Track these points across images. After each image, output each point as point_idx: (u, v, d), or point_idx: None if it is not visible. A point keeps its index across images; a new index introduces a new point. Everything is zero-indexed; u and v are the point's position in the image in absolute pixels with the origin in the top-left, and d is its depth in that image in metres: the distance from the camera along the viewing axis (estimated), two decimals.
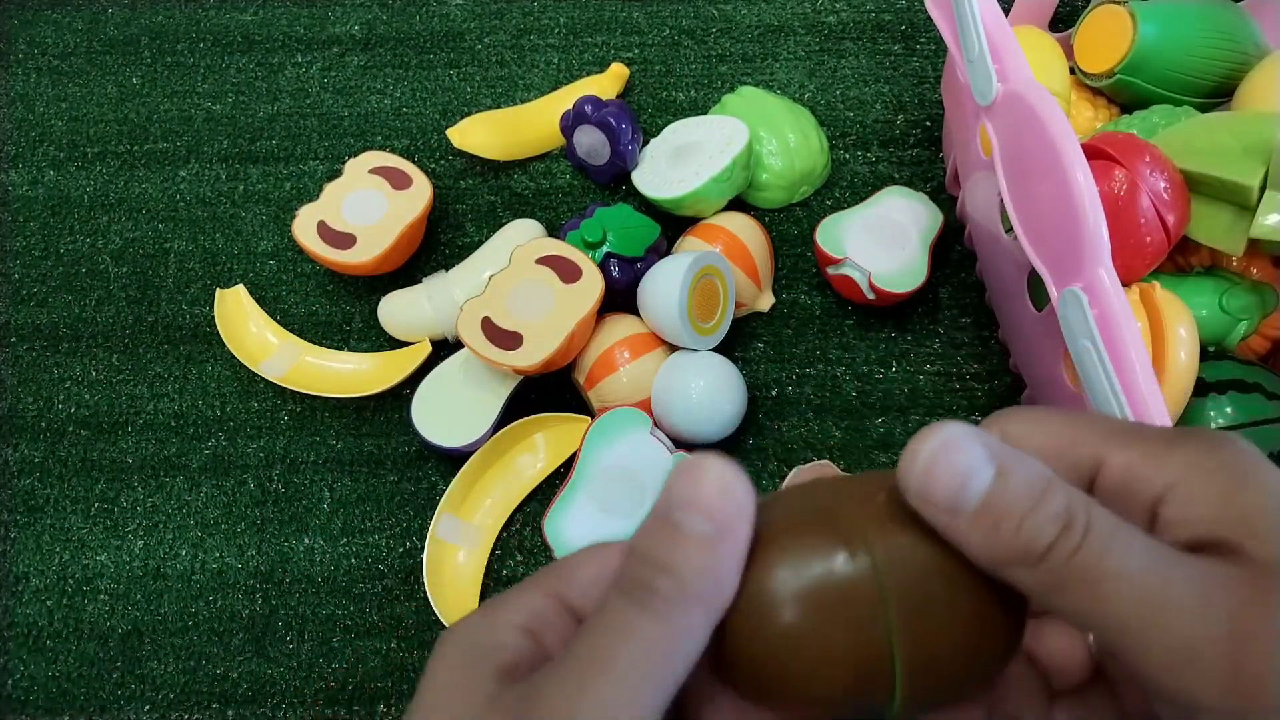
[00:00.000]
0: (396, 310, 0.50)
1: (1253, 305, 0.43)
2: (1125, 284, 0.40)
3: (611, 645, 0.18)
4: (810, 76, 0.59)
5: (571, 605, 0.20)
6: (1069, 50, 0.52)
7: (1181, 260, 0.46)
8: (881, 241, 0.49)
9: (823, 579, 0.18)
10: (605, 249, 0.48)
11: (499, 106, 0.59)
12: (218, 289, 0.52)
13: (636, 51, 0.61)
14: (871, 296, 0.48)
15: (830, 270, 0.49)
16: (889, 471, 0.20)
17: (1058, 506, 0.17)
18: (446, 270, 0.52)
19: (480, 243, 0.52)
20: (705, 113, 0.57)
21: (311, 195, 0.57)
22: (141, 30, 0.63)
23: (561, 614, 0.20)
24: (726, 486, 0.18)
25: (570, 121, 0.54)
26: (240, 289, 0.52)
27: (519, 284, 0.46)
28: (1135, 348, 0.32)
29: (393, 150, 0.58)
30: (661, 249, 0.50)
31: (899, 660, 0.18)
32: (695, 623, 0.18)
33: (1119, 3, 0.49)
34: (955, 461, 0.17)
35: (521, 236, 0.51)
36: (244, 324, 0.52)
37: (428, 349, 0.50)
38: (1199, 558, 0.17)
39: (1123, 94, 0.50)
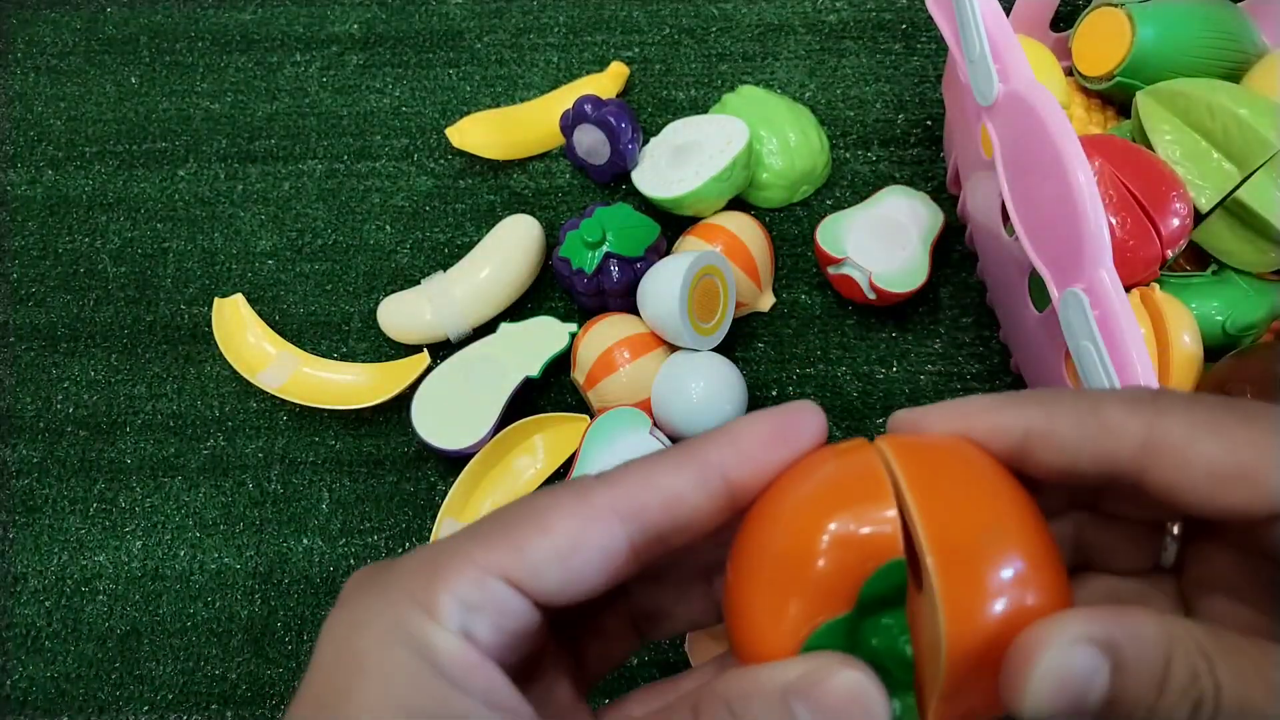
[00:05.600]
0: (396, 312, 0.50)
1: (1259, 322, 0.43)
2: (1125, 287, 0.40)
3: None
4: (811, 75, 0.59)
5: (521, 585, 0.18)
6: (1067, 52, 0.52)
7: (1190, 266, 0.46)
8: (882, 241, 0.49)
9: None
10: (605, 249, 0.48)
11: (498, 106, 0.59)
12: (216, 298, 0.52)
13: (636, 50, 0.61)
14: (872, 296, 0.48)
15: (831, 270, 0.49)
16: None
17: (1182, 682, 0.16)
18: (445, 270, 0.51)
19: (479, 242, 0.52)
20: (705, 112, 0.57)
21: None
22: (140, 29, 0.63)
23: (504, 595, 0.18)
24: (865, 706, 0.16)
25: (570, 121, 0.53)
26: (238, 298, 0.52)
27: None
28: (1136, 349, 0.32)
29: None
30: (661, 249, 0.50)
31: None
32: None
33: (1116, 4, 0.49)
34: (1068, 676, 0.16)
35: (517, 233, 0.51)
36: (242, 334, 0.51)
37: (426, 360, 0.49)
38: None
39: (1122, 97, 0.50)
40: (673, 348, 0.48)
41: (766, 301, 0.52)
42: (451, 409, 0.47)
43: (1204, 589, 0.20)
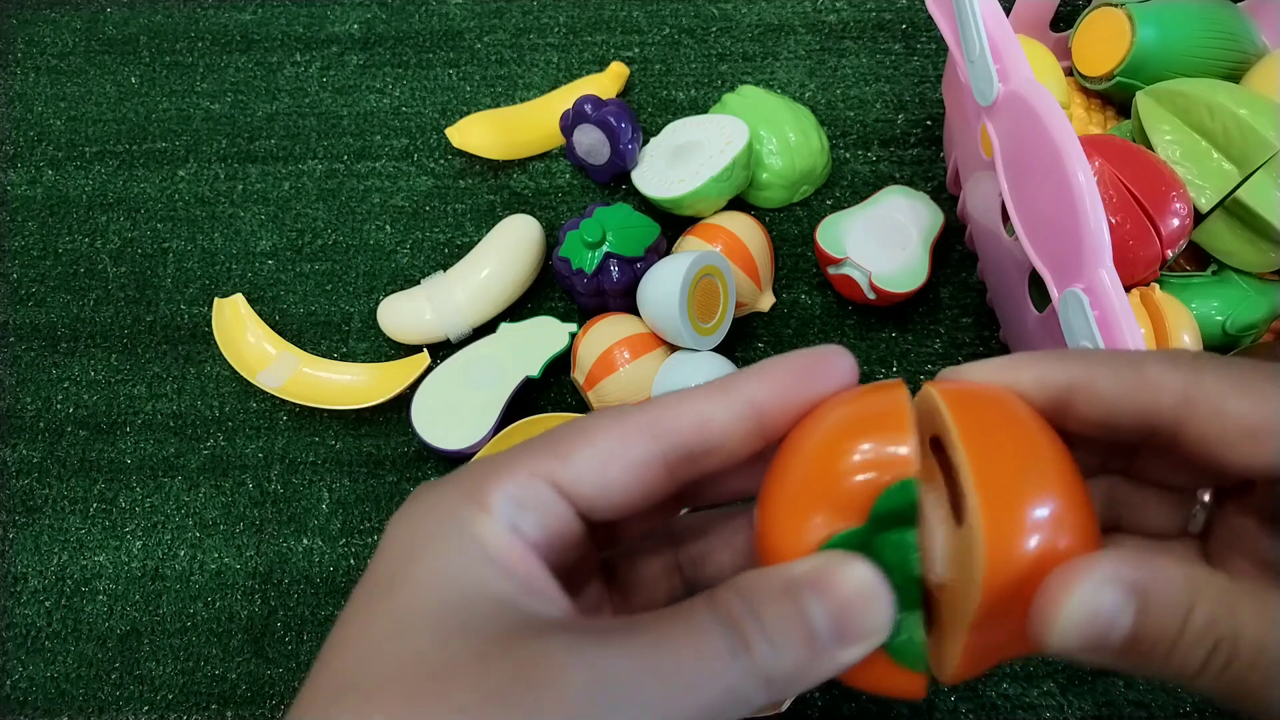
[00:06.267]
0: (396, 312, 0.50)
1: (1259, 322, 0.43)
2: (1125, 287, 0.40)
3: (672, 666, 0.17)
4: (811, 75, 0.59)
5: (564, 490, 0.20)
6: (1067, 52, 0.52)
7: (1190, 266, 0.46)
8: (882, 241, 0.49)
9: None
10: (605, 249, 0.48)
11: (498, 106, 0.59)
12: (216, 298, 0.52)
13: (636, 50, 0.61)
14: (872, 296, 0.48)
15: (831, 270, 0.49)
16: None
17: (1202, 625, 0.17)
18: (445, 270, 0.51)
19: (479, 242, 0.52)
20: (705, 112, 0.57)
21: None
22: (140, 30, 0.63)
23: (549, 498, 0.20)
24: (870, 598, 0.18)
25: (570, 121, 0.53)
26: (238, 298, 0.52)
27: None
28: (1137, 349, 0.32)
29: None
30: (661, 249, 0.50)
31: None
32: (757, 693, 0.17)
33: (1116, 4, 0.49)
34: (1096, 613, 0.17)
35: (517, 233, 0.51)
36: (242, 334, 0.51)
37: (426, 360, 0.49)
38: None
39: (1122, 97, 0.50)
40: (673, 348, 0.48)
41: (766, 301, 0.52)
42: (451, 409, 0.47)
43: (1228, 553, 0.21)
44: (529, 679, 0.16)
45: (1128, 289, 0.41)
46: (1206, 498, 0.22)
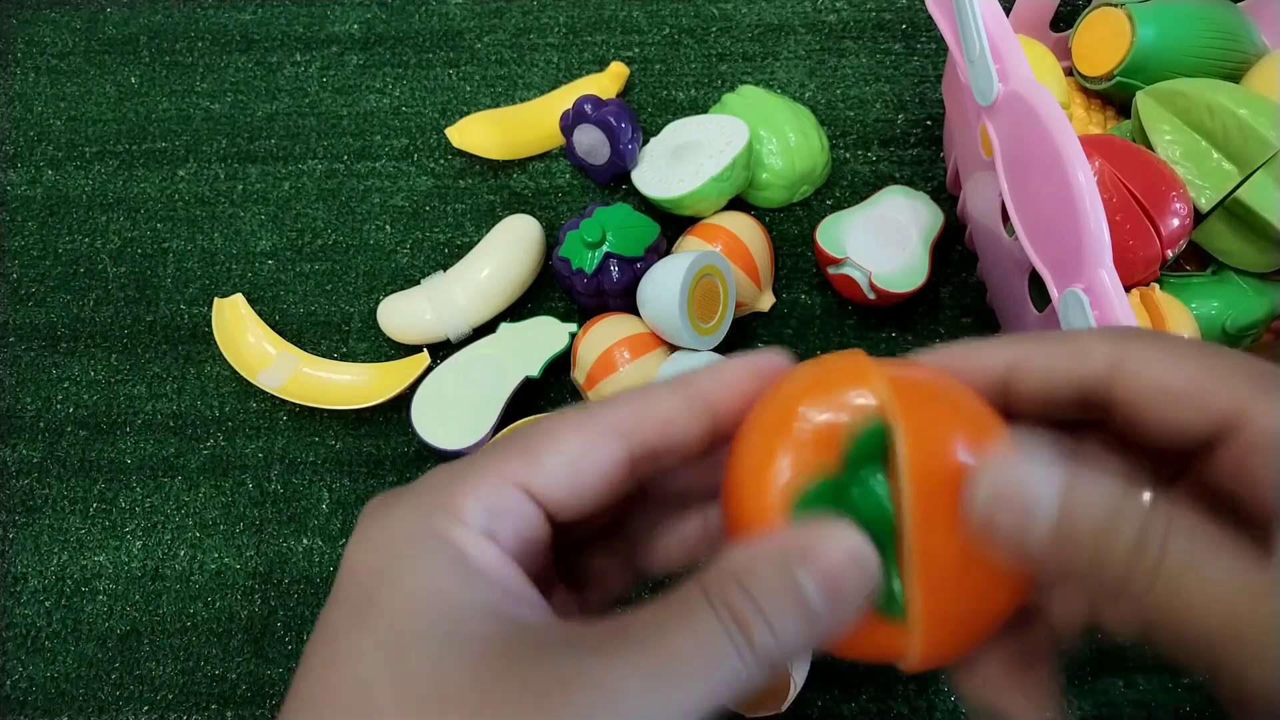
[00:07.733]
0: (396, 312, 0.50)
1: (1258, 322, 0.43)
2: (1125, 287, 0.40)
3: (678, 670, 0.17)
4: (811, 75, 0.59)
5: (534, 493, 0.20)
6: (1067, 52, 0.52)
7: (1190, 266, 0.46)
8: (882, 241, 0.49)
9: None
10: (605, 249, 0.48)
11: (498, 106, 0.59)
12: (215, 298, 0.52)
13: (636, 50, 0.61)
14: (872, 296, 0.48)
15: (831, 270, 0.49)
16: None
17: (1131, 528, 0.17)
18: (445, 270, 0.51)
19: (479, 242, 0.52)
20: (705, 112, 0.57)
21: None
22: (140, 29, 0.63)
23: (522, 503, 0.19)
24: (857, 559, 0.18)
25: (570, 121, 0.53)
26: (238, 298, 0.52)
27: None
28: None
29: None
30: (661, 249, 0.50)
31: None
32: (762, 675, 0.18)
33: (1116, 4, 0.49)
34: (1019, 495, 0.17)
35: (517, 233, 0.51)
36: (242, 334, 0.51)
37: (426, 360, 0.49)
38: None
39: (1122, 97, 0.50)
40: (673, 348, 0.48)
41: (766, 301, 0.52)
42: (451, 409, 0.47)
43: None
44: (534, 702, 0.16)
45: (1128, 289, 0.41)
46: (1146, 498, 0.22)
